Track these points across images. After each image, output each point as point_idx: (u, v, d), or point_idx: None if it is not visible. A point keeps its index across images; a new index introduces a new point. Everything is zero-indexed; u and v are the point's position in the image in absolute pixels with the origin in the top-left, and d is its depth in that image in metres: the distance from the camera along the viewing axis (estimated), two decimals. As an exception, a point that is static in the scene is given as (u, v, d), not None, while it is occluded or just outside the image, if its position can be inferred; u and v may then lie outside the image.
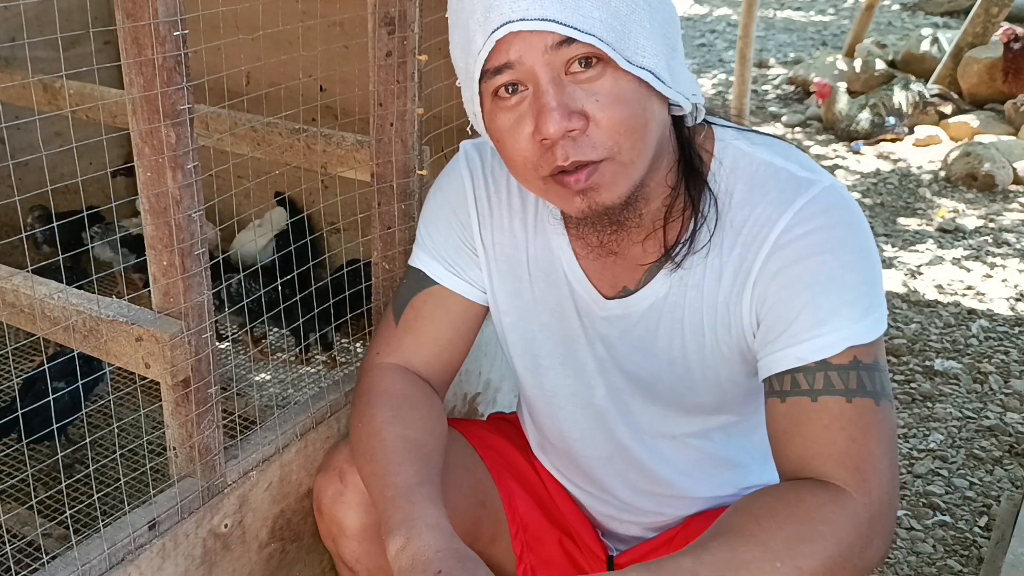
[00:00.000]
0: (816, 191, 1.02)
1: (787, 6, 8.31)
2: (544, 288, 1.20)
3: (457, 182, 1.24)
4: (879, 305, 1.02)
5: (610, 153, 0.96)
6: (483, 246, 1.23)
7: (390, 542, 1.02)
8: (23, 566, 1.33)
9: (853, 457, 0.97)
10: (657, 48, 0.96)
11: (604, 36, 0.91)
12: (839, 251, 1.00)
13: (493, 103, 0.99)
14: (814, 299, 1.00)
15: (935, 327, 2.96)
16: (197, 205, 1.09)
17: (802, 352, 1.00)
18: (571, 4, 0.91)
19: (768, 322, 1.04)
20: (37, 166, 2.13)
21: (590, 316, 1.18)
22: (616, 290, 1.15)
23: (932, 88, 4.98)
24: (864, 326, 0.99)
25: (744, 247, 1.05)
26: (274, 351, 2.09)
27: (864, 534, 0.95)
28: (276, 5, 1.99)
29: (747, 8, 4.44)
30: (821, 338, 0.99)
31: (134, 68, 1.02)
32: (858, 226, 1.03)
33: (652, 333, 1.14)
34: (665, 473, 1.25)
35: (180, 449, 1.20)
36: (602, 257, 1.13)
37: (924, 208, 3.98)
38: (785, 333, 1.02)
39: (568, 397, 1.24)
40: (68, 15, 2.20)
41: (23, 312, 1.16)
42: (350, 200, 1.58)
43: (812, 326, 1.00)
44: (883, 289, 1.04)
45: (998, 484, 2.19)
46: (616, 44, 0.92)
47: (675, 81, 0.99)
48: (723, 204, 1.06)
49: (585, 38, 0.91)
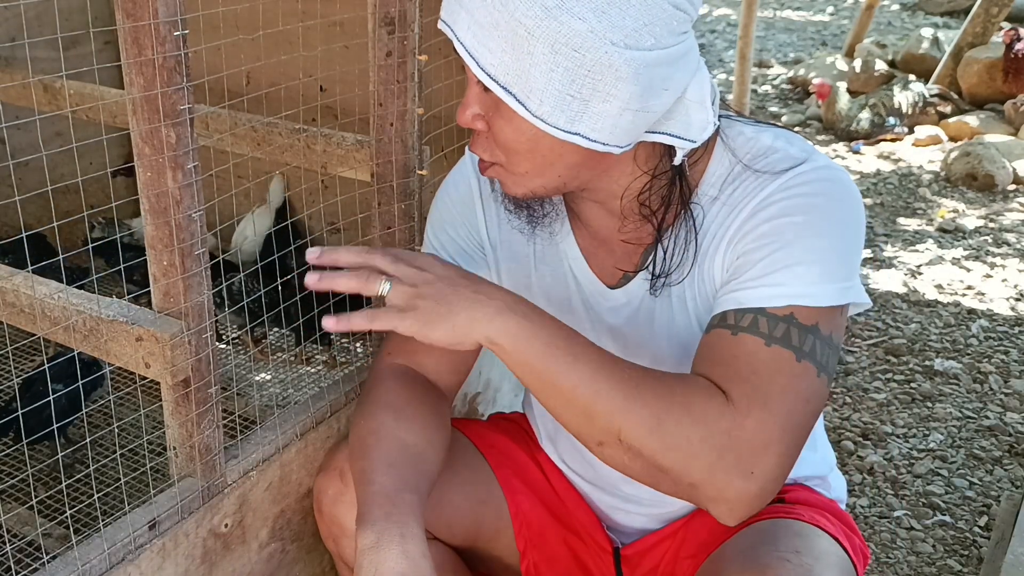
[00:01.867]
0: (807, 167, 1.03)
1: (787, 6, 8.31)
2: (551, 284, 1.21)
3: (463, 183, 1.26)
4: (844, 277, 1.00)
5: (499, 161, 1.04)
6: (490, 245, 1.24)
7: (361, 533, 1.02)
8: (23, 566, 1.32)
9: (750, 384, 0.95)
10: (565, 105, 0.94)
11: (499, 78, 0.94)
12: (811, 216, 1.00)
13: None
14: (772, 254, 1.00)
15: (935, 327, 2.96)
16: (197, 205, 1.09)
17: (743, 297, 1.00)
18: (482, 37, 0.94)
19: (729, 274, 1.05)
20: (37, 166, 2.13)
21: (596, 308, 1.19)
22: (617, 277, 1.16)
23: (932, 88, 4.98)
24: (816, 290, 0.98)
25: (724, 215, 1.06)
26: (274, 351, 2.09)
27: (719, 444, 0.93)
28: (276, 5, 1.99)
29: (747, 8, 4.44)
30: (766, 289, 0.99)
31: (134, 68, 1.02)
32: (842, 201, 1.03)
33: (650, 314, 1.14)
34: None
35: (180, 449, 1.20)
36: (595, 238, 1.16)
37: (924, 208, 3.98)
38: (735, 280, 1.03)
39: None
40: (68, 15, 2.20)
41: (23, 312, 1.16)
42: (350, 200, 1.58)
43: (760, 276, 1.00)
44: (856, 266, 1.03)
45: (998, 484, 2.19)
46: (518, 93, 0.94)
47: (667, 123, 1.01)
48: (722, 180, 1.08)
49: (482, 77, 0.95)
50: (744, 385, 0.95)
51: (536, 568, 1.36)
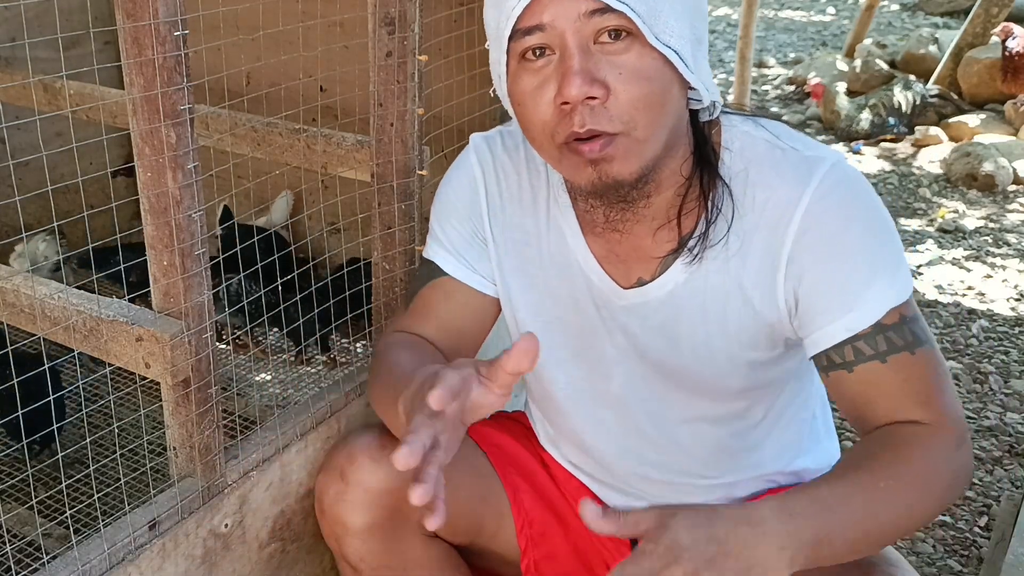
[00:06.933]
0: (826, 167, 1.06)
1: (787, 6, 8.30)
2: (559, 282, 1.21)
3: (467, 175, 1.25)
4: (903, 262, 1.08)
5: (625, 128, 0.98)
6: (493, 239, 1.24)
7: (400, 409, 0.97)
8: (23, 566, 1.32)
9: (932, 399, 1.04)
10: (684, 32, 0.98)
11: (636, 8, 0.94)
12: (862, 221, 1.06)
13: (519, 65, 1.01)
14: (852, 270, 1.04)
15: (935, 327, 2.96)
16: (197, 205, 1.09)
17: (853, 322, 1.04)
18: None
19: (809, 299, 1.07)
20: (37, 166, 2.13)
21: (609, 307, 1.18)
22: (631, 282, 1.16)
23: (932, 88, 4.98)
24: (900, 285, 1.05)
25: (769, 229, 1.07)
26: (274, 351, 2.09)
27: (955, 459, 1.03)
28: (276, 5, 1.99)
29: (747, 8, 4.44)
30: (867, 304, 1.04)
31: (134, 68, 1.02)
32: (870, 194, 1.08)
33: (673, 320, 1.14)
34: (684, 460, 1.25)
35: (180, 449, 1.20)
36: (611, 245, 1.15)
37: (924, 208, 3.98)
38: (830, 307, 1.05)
39: (582, 390, 1.25)
40: (68, 15, 2.20)
41: (23, 312, 1.16)
42: (350, 200, 1.58)
43: (856, 295, 1.04)
44: (901, 245, 1.10)
45: (998, 484, 2.19)
46: (647, 18, 0.95)
47: (698, 70, 1.01)
48: (739, 186, 1.09)
49: (619, 6, 0.93)
50: (930, 405, 1.04)
51: (536, 566, 1.36)
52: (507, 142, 1.24)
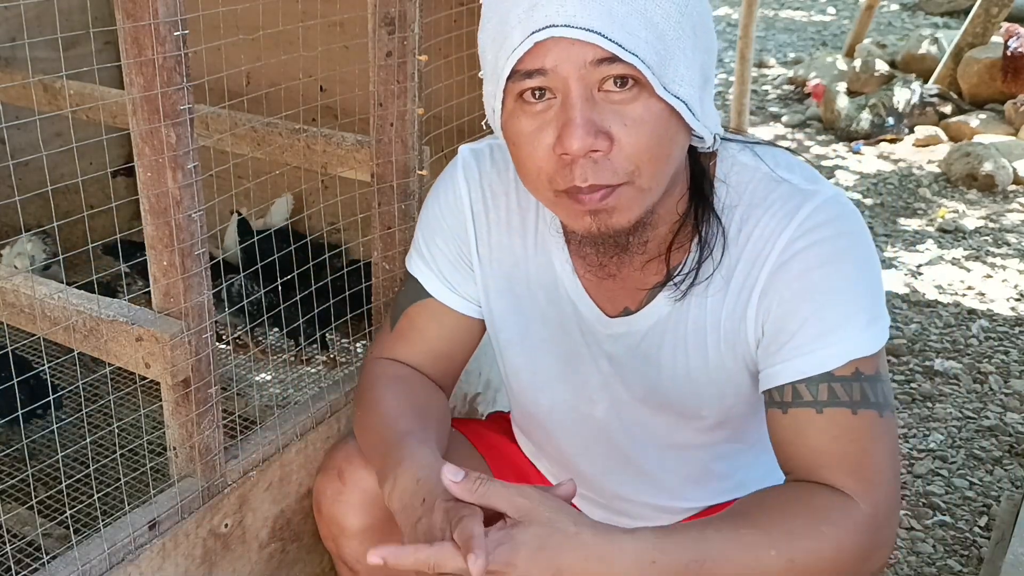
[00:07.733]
0: (818, 202, 1.01)
1: (787, 6, 8.30)
2: (545, 306, 1.18)
3: (453, 194, 1.20)
4: (882, 316, 1.01)
5: (629, 178, 0.93)
6: (479, 261, 1.21)
7: (384, 490, 1.03)
8: (23, 566, 1.32)
9: (860, 468, 0.98)
10: (694, 78, 0.93)
11: (647, 58, 0.88)
12: (842, 262, 1.00)
13: (516, 104, 0.95)
14: (818, 311, 0.99)
15: (935, 327, 2.96)
16: (197, 205, 1.09)
17: (804, 365, 0.99)
18: (619, 20, 0.87)
19: (771, 334, 1.03)
20: (37, 166, 2.13)
21: (594, 334, 1.16)
22: (617, 310, 1.14)
23: (932, 88, 4.98)
24: (867, 337, 0.99)
25: (748, 262, 1.04)
26: (274, 351, 2.09)
27: (866, 543, 0.96)
28: (276, 5, 1.99)
29: (747, 8, 4.43)
30: (824, 350, 0.99)
31: (134, 68, 1.02)
32: (860, 236, 1.02)
33: (656, 349, 1.13)
34: (667, 483, 1.25)
35: (180, 449, 1.20)
36: (601, 279, 1.12)
37: (924, 208, 3.98)
38: (788, 345, 1.01)
39: (566, 412, 1.23)
40: (68, 15, 2.20)
41: (23, 312, 1.16)
42: (350, 200, 1.58)
43: (815, 338, 0.99)
44: (884, 299, 1.04)
45: (998, 484, 2.19)
46: (656, 68, 0.89)
47: (704, 116, 0.97)
48: (730, 222, 1.05)
49: (628, 57, 0.87)
50: (856, 474, 0.97)
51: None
52: (496, 157, 1.19)
